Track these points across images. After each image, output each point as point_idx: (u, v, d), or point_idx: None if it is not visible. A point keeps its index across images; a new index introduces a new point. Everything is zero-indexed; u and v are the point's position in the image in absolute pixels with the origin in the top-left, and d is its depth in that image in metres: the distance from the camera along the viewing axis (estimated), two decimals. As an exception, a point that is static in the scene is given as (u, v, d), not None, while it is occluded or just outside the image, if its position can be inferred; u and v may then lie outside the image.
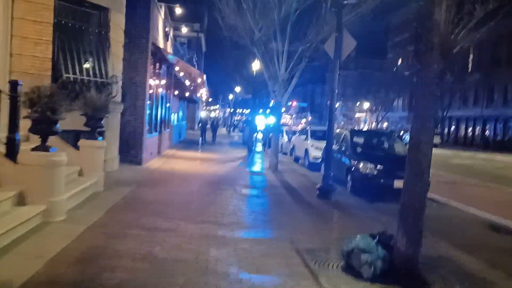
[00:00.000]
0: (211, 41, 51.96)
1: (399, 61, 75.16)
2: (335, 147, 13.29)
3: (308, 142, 16.72)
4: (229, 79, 36.42)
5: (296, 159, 18.47)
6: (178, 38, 33.85)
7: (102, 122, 8.14)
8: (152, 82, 13.76)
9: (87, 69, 8.92)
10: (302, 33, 13.95)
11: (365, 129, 51.01)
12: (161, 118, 16.55)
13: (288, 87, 14.45)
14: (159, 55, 14.35)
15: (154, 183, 9.77)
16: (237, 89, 46.25)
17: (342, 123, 77.80)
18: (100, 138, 8.20)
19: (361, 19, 13.12)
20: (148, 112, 13.74)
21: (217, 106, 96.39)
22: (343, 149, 11.87)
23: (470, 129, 54.21)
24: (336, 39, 9.30)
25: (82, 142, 8.00)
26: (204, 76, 13.89)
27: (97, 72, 9.12)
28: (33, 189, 5.73)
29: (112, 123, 10.16)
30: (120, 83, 10.24)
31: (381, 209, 8.76)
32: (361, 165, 10.54)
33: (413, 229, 4.35)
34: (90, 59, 9.05)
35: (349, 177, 10.96)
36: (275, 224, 6.72)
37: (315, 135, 17.18)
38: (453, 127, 57.66)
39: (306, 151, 16.65)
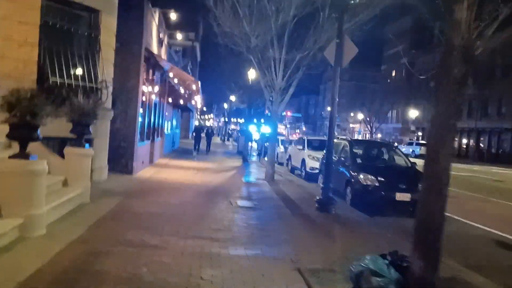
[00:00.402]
0: (206, 50, 51.80)
1: (393, 73, 75.55)
2: (333, 157, 12.91)
3: (305, 152, 16.30)
4: (224, 88, 36.05)
5: (292, 170, 18.03)
6: (173, 46, 33.54)
7: (89, 129, 7.65)
8: (145, 88, 13.31)
9: (75, 73, 8.45)
10: (300, 41, 13.60)
11: (361, 139, 50.29)
12: (153, 126, 16.07)
13: (285, 96, 14.06)
14: (152, 61, 13.92)
15: (145, 193, 9.26)
16: (232, 98, 45.92)
17: (336, 133, 77.67)
18: (87, 145, 7.70)
19: (358, 29, 12.84)
20: (140, 119, 13.27)
21: (211, 115, 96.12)
22: (342, 160, 11.45)
23: (464, 141, 54.21)
24: (336, 45, 8.93)
25: (67, 150, 7.49)
26: (199, 83, 13.45)
27: (86, 76, 8.65)
28: (9, 201, 5.22)
29: (101, 130, 9.67)
30: (110, 89, 9.77)
31: (384, 224, 8.31)
32: (361, 176, 10.12)
33: (431, 251, 3.89)
34: (79, 63, 8.58)
35: (348, 189, 10.52)
36: (274, 240, 6.24)
37: (312, 145, 16.79)
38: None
39: (303, 161, 16.22)
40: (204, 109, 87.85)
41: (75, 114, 7.31)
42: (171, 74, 13.02)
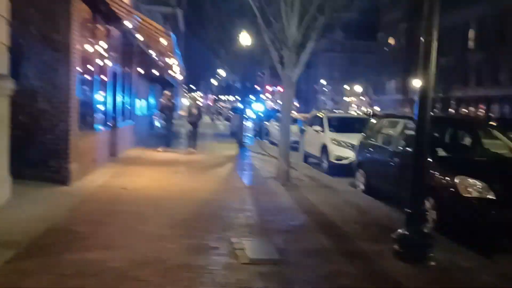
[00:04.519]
0: (191, 18, 46.33)
1: (391, 41, 70.66)
2: (375, 142, 8.57)
3: (326, 135, 11.90)
4: (212, 60, 30.78)
5: (306, 158, 13.64)
6: (150, 12, 28.39)
7: None
8: (88, 47, 8.67)
9: None
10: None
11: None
12: (114, 105, 11.47)
13: (301, 54, 9.53)
14: (102, 8, 9.18)
15: (67, 236, 4.79)
16: (221, 72, 41.02)
17: (330, 108, 73.22)
18: None
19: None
20: (85, 95, 8.77)
21: (199, 93, 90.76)
22: (403, 151, 7.05)
23: (472, 111, 50.29)
24: None
25: None
26: (172, 38, 8.85)
27: None
28: None
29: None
30: (2, 40, 5.17)
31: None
32: (457, 181, 5.77)
33: None
34: None
35: (430, 203, 6.18)
36: None
37: (334, 126, 12.38)
38: (452, 109, 53.60)
39: (324, 148, 11.84)
40: (193, 87, 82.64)
41: None
42: (127, 23, 8.38)
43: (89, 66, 8.97)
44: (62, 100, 7.32)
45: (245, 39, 16.14)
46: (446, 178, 5.95)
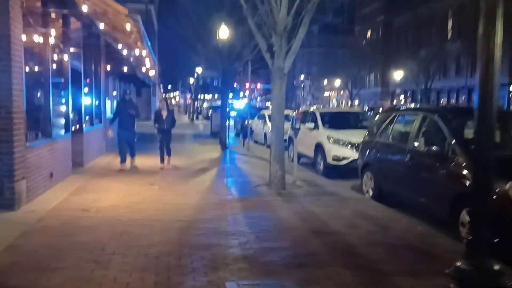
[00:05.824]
0: (165, 13, 44.45)
1: (368, 34, 70.11)
2: (386, 140, 7.37)
3: (321, 133, 10.63)
4: (190, 57, 28.63)
5: (298, 158, 12.35)
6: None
7: None
8: (39, 39, 7.14)
9: None
10: None
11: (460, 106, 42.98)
12: (78, 107, 9.95)
13: (293, 42, 8.21)
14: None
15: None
16: (199, 70, 39.27)
17: (308, 103, 72.20)
18: None
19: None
20: (38, 97, 7.28)
21: (177, 92, 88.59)
22: (424, 153, 5.81)
23: (453, 101, 49.98)
24: None
25: None
26: (139, 19, 7.40)
27: None
28: None
29: None
30: None
31: None
32: (511, 190, 4.56)
33: None
34: None
35: (465, 219, 4.95)
36: None
37: (330, 123, 11.11)
38: (432, 101, 53.22)
39: (319, 147, 10.57)
40: (169, 87, 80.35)
41: None
42: (84, 8, 6.82)
43: (42, 62, 7.46)
44: (1, 104, 5.80)
45: (224, 32, 14.75)
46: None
